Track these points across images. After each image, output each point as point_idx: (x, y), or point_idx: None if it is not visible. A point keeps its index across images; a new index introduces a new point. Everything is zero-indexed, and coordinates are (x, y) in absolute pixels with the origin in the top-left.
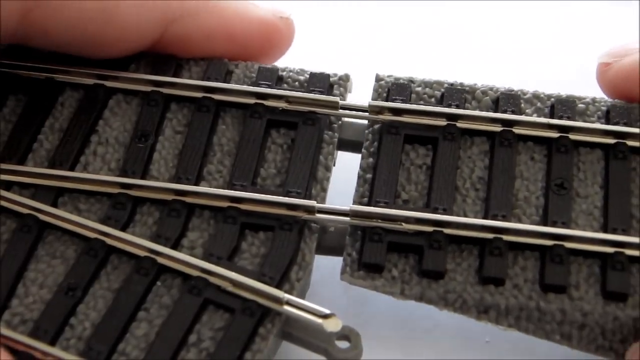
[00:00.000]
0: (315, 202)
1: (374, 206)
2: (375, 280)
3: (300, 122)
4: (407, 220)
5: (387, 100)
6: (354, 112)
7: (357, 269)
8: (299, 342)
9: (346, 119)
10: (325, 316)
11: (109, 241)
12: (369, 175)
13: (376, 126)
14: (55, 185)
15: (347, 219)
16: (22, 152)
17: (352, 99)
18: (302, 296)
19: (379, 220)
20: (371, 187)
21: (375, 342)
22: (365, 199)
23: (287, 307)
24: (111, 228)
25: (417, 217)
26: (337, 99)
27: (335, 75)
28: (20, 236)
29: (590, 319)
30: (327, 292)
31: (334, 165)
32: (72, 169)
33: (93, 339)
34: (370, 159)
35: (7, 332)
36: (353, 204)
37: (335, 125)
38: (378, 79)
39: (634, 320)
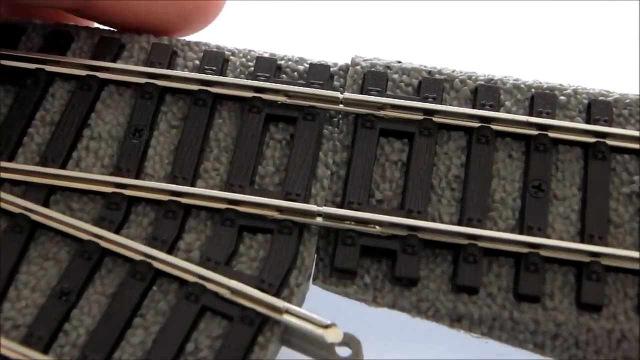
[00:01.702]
0: (315, 205)
1: (347, 208)
2: (347, 287)
3: (299, 117)
4: (381, 223)
5: (362, 89)
6: (328, 105)
7: (329, 274)
8: (298, 349)
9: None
10: (326, 326)
11: (103, 244)
12: (342, 172)
13: (350, 116)
14: (47, 184)
15: (319, 219)
16: (13, 146)
17: None
18: (302, 299)
19: (352, 223)
20: (345, 185)
21: (375, 342)
22: (339, 199)
23: (286, 317)
24: (105, 230)
25: (392, 221)
26: (337, 93)
27: (336, 65)
28: (11, 236)
29: (564, 329)
30: (327, 293)
31: None
32: (64, 165)
33: (88, 347)
34: (344, 154)
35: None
36: (326, 204)
37: (336, 120)
38: (354, 63)
39: (608, 332)
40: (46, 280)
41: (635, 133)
